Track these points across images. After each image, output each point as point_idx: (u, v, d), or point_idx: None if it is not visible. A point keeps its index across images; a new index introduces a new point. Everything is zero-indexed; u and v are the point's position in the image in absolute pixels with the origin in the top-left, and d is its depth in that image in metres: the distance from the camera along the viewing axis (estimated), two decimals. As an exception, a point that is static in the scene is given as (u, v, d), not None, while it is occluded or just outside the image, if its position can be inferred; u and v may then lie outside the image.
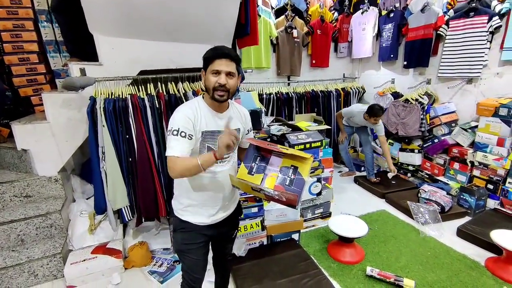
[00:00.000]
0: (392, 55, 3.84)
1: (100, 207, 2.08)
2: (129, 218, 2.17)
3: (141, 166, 2.09)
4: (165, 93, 2.22)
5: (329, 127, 3.21)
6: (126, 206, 2.14)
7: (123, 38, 2.28)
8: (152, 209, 2.19)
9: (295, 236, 2.43)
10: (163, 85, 2.30)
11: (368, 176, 3.58)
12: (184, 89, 2.32)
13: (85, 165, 2.88)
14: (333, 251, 2.30)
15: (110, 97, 2.09)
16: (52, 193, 2.39)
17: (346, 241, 2.26)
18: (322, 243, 2.45)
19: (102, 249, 2.19)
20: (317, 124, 3.00)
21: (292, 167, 1.16)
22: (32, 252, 2.08)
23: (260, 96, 3.71)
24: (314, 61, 4.31)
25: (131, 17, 2.16)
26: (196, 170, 1.09)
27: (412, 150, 3.52)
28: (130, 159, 2.09)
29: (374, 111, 3.07)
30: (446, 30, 3.18)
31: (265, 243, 2.34)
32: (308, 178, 1.14)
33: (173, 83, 2.33)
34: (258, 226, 2.26)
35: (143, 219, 2.25)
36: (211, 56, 1.16)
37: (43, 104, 2.25)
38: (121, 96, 2.10)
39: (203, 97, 1.25)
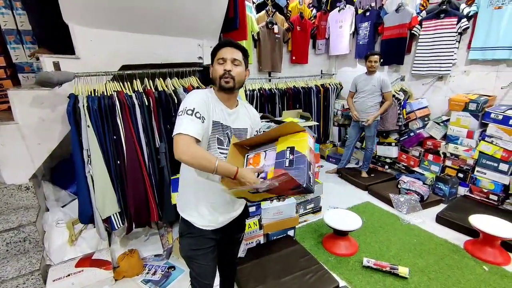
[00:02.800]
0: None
1: (87, 215, 1.89)
2: (119, 226, 2.01)
3: (131, 169, 1.93)
4: (153, 90, 2.07)
5: (317, 123, 3.26)
6: (116, 213, 1.97)
7: (103, 30, 2.08)
8: (144, 214, 2.05)
9: (291, 233, 2.44)
10: (150, 81, 2.14)
11: (361, 169, 3.66)
12: (173, 85, 2.19)
13: (56, 169, 2.60)
14: (328, 244, 2.35)
15: (93, 94, 1.90)
16: (23, 202, 2.12)
17: (341, 234, 2.32)
18: (316, 237, 2.49)
19: (88, 261, 2.01)
20: (304, 120, 3.03)
21: (288, 149, 1.05)
22: (3, 271, 1.83)
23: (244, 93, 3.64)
24: (294, 57, 4.34)
25: (113, 6, 1.97)
26: (208, 166, 1.02)
27: (389, 144, 3.71)
28: (119, 162, 1.92)
29: (367, 53, 3.21)
30: (420, 30, 3.38)
31: (262, 241, 2.31)
32: (308, 152, 1.03)
33: (161, 79, 2.18)
34: (256, 225, 2.22)
35: (133, 226, 2.09)
36: (216, 46, 1.19)
37: (9, 102, 1.98)
38: (105, 94, 1.92)
39: (213, 89, 1.22)
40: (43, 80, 1.75)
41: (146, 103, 1.98)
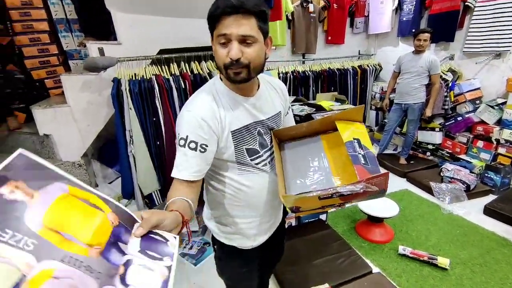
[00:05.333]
0: (413, 30, 3.67)
1: (128, 192, 2.05)
2: (159, 202, 2.15)
3: (169, 149, 2.03)
4: (189, 73, 2.12)
5: (353, 106, 3.12)
6: (157, 190, 2.11)
7: (142, 15, 2.16)
8: (181, 193, 2.16)
9: (323, 217, 2.42)
10: (186, 64, 2.19)
11: (400, 155, 3.47)
12: (208, 68, 2.22)
13: (103, 149, 2.82)
14: (362, 230, 2.30)
15: (134, 78, 2.00)
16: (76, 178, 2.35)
17: (375, 221, 2.26)
18: (349, 223, 2.45)
19: (132, 233, 2.19)
20: (339, 103, 2.91)
21: (356, 141, 0.85)
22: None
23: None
24: (329, 37, 4.14)
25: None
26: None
27: (432, 129, 3.46)
28: (158, 143, 2.04)
29: (417, 31, 2.96)
30: (475, 1, 3.02)
31: (293, 224, 2.34)
32: (374, 150, 0.85)
33: (196, 62, 2.22)
34: (288, 207, 2.24)
35: (172, 203, 2.23)
36: (213, 12, 0.74)
37: (62, 87, 2.16)
38: (145, 77, 2.01)
39: (220, 78, 0.87)
40: (90, 65, 1.88)
41: (183, 86, 2.04)
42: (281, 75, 3.65)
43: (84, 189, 0.50)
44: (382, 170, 0.77)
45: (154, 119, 1.99)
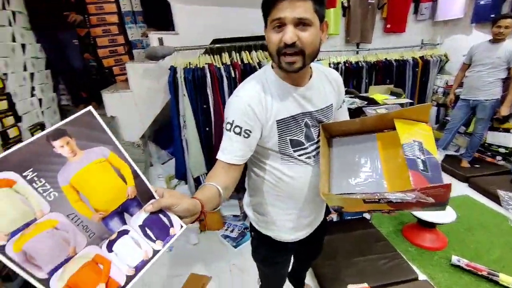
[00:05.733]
0: (492, 15, 3.20)
1: (181, 173, 2.21)
2: (205, 185, 2.28)
3: (217, 136, 2.13)
4: (240, 62, 2.17)
5: (410, 100, 2.88)
6: (204, 174, 2.24)
7: (197, 6, 2.25)
8: (226, 178, 2.27)
9: (367, 216, 2.32)
10: (237, 54, 2.25)
11: (463, 157, 3.12)
12: (258, 58, 2.24)
13: (158, 132, 3.07)
14: (410, 234, 2.15)
15: (188, 66, 2.12)
16: (135, 157, 2.60)
17: (427, 226, 2.09)
18: (396, 224, 2.31)
19: (180, 211, 2.37)
20: (395, 97, 2.71)
21: (416, 143, 0.76)
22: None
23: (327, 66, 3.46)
24: (389, 25, 3.83)
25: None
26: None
27: (507, 130, 3.02)
28: (207, 129, 2.14)
29: (499, 16, 2.59)
30: None
31: (334, 219, 2.29)
32: (439, 156, 0.77)
33: (247, 52, 2.26)
34: (330, 202, 2.20)
35: (217, 187, 2.35)
36: None
37: (127, 74, 2.39)
38: (198, 66, 2.11)
39: (272, 66, 0.87)
40: (150, 54, 2.04)
41: (233, 75, 2.10)
42: (332, 65, 3.51)
43: (123, 158, 0.56)
44: (445, 180, 0.67)
45: (204, 106, 2.10)
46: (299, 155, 0.89)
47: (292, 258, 1.28)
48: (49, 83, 2.64)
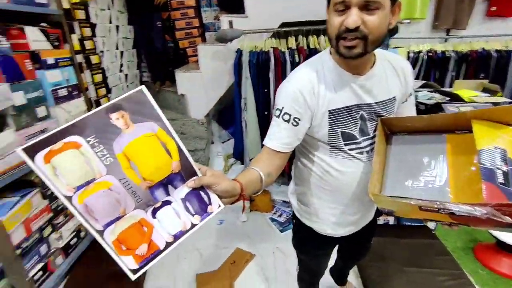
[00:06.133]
0: None
1: (238, 153, 2.32)
2: (259, 168, 2.34)
3: (275, 121, 2.14)
4: (305, 47, 2.11)
5: (509, 100, 2.40)
6: (258, 156, 2.30)
7: (270, -12, 2.23)
8: (279, 163, 2.29)
9: (430, 225, 2.08)
10: (304, 38, 2.18)
11: None
12: (326, 43, 2.14)
13: (221, 112, 3.23)
14: (483, 255, 1.86)
15: (254, 50, 2.15)
16: (199, 134, 2.82)
17: (507, 249, 1.77)
18: (466, 241, 2.02)
19: (233, 189, 2.51)
20: (488, 95, 2.29)
21: (499, 151, 0.64)
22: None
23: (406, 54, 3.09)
24: (493, 8, 3.20)
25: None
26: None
27: None
28: (266, 113, 2.17)
29: None
30: None
31: (390, 222, 2.11)
32: None
33: (314, 36, 2.17)
34: (388, 203, 2.03)
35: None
36: None
37: (197, 55, 2.55)
38: (263, 50, 2.13)
39: (330, 52, 0.81)
40: (220, 36, 2.13)
41: (297, 60, 2.06)
42: (411, 54, 3.13)
43: (170, 135, 0.61)
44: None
45: (265, 90, 2.12)
46: (350, 149, 0.84)
47: (336, 252, 1.24)
48: (134, 61, 3.00)
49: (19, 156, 0.51)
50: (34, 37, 1.61)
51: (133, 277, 0.57)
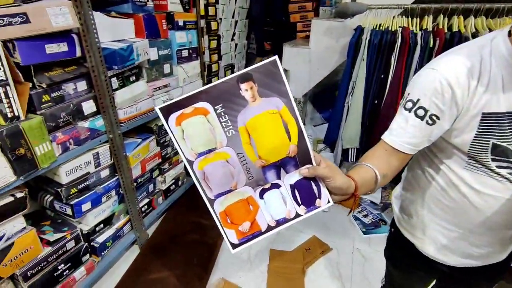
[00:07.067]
0: None
1: (331, 139, 2.17)
2: (352, 160, 2.16)
3: (385, 112, 1.88)
4: (445, 30, 1.73)
5: None
6: (354, 148, 2.11)
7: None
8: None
9: None
10: (445, 18, 1.79)
11: None
12: (475, 27, 1.70)
13: (319, 94, 3.07)
14: None
15: (377, 28, 1.89)
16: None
17: None
18: None
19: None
20: None
21: None
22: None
23: None
24: None
25: None
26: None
27: None
28: (376, 102, 1.93)
29: None
30: None
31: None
32: None
33: (461, 16, 1.75)
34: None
35: (364, 166, 2.19)
36: None
37: (307, 31, 2.42)
38: (390, 29, 1.84)
39: (510, 34, 0.59)
40: (341, 11, 1.93)
41: (431, 45, 1.72)
42: None
43: (294, 115, 0.55)
44: None
45: (382, 76, 1.86)
46: (499, 167, 0.63)
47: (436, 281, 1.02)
48: (245, 32, 3.07)
49: (147, 105, 0.53)
50: (172, -1, 1.77)
51: (232, 250, 0.58)
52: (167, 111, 0.52)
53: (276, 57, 0.53)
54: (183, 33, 1.91)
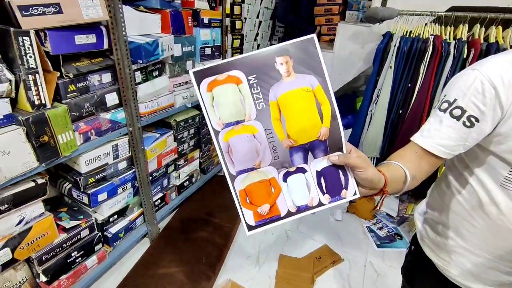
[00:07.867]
0: None
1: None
2: (371, 170, 2.09)
3: (409, 122, 1.81)
4: (482, 40, 1.64)
5: None
6: (374, 158, 2.04)
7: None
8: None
9: None
10: (482, 28, 1.70)
11: None
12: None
13: (336, 101, 3.00)
14: None
15: (407, 35, 1.82)
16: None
17: None
18: None
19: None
20: None
21: None
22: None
23: None
24: None
25: None
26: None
27: None
28: (401, 111, 1.86)
29: None
30: None
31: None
32: None
33: (500, 27, 1.66)
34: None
35: (382, 177, 2.11)
36: None
37: (331, 35, 2.37)
38: (421, 36, 1.77)
39: None
40: (371, 15, 1.87)
41: (464, 56, 1.63)
42: None
43: (328, 95, 0.53)
44: None
45: (409, 85, 1.79)
46: None
47: None
48: (268, 32, 3.04)
49: (168, 101, 0.51)
50: (199, -4, 1.77)
51: (248, 232, 0.55)
52: (201, 76, 0.51)
53: (314, 35, 0.52)
54: (208, 30, 1.91)
